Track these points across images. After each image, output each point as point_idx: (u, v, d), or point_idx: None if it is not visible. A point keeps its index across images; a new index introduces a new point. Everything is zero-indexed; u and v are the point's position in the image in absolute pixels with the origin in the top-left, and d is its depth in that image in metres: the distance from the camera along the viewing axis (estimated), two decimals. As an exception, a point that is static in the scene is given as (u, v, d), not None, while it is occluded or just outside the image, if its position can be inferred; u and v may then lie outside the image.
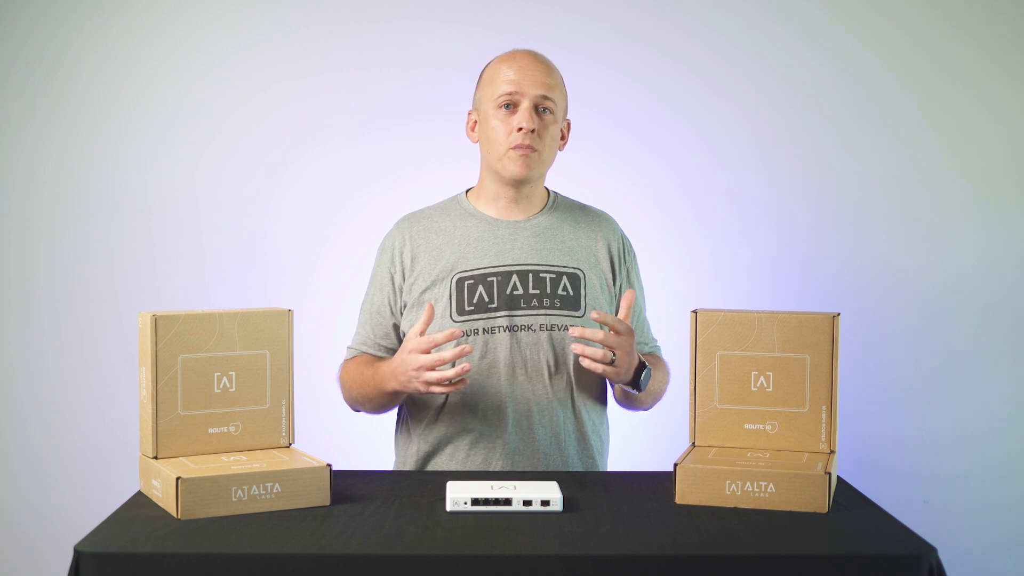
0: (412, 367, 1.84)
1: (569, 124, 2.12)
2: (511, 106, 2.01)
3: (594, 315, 1.82)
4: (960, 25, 2.91)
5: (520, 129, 1.99)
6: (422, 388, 1.84)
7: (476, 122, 2.09)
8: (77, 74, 2.92)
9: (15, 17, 2.90)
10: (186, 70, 2.93)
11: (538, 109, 2.01)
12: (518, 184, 2.05)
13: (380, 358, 2.07)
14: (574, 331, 1.81)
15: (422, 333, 1.84)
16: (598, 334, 1.82)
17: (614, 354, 1.84)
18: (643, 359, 1.97)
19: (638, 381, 1.94)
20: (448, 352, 1.81)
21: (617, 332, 1.84)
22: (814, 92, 2.93)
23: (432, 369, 1.82)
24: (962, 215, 2.93)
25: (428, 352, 1.82)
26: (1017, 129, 2.91)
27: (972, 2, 2.91)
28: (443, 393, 1.86)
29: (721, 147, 2.94)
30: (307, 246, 2.95)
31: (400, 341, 2.09)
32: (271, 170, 2.94)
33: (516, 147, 2.00)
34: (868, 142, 2.93)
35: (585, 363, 1.84)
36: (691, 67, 2.93)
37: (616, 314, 2.09)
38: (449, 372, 1.81)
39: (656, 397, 2.11)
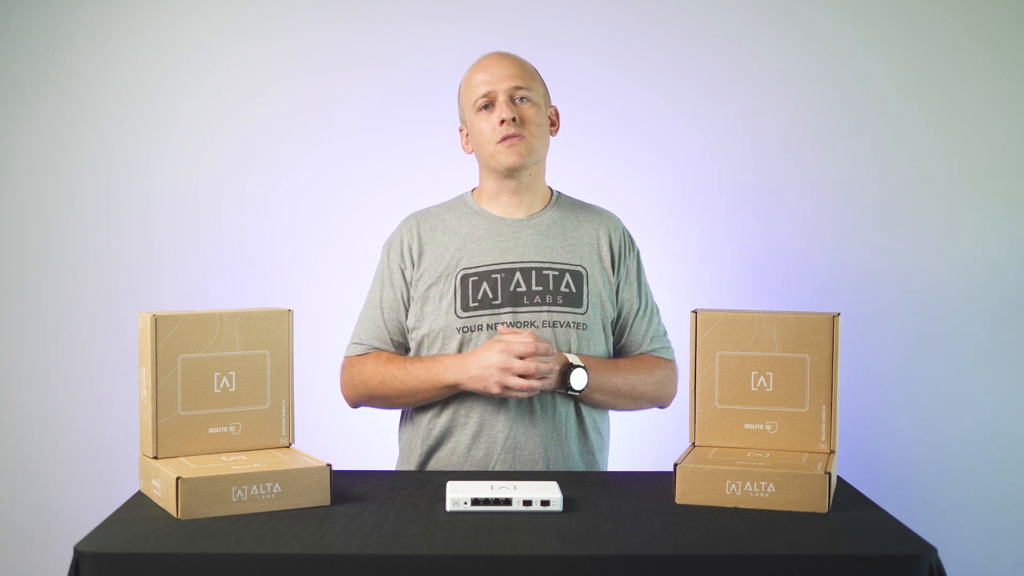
0: (499, 365, 1.90)
1: (557, 111, 2.16)
2: (489, 105, 2.05)
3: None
4: (960, 25, 2.90)
5: (502, 122, 2.02)
6: (495, 390, 1.92)
7: (467, 135, 2.13)
8: (77, 74, 2.92)
9: (15, 17, 2.90)
10: (186, 70, 2.93)
11: (514, 100, 2.05)
12: (515, 174, 2.07)
13: (396, 354, 2.09)
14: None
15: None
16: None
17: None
18: (579, 362, 1.98)
19: (567, 384, 1.98)
20: (546, 365, 1.91)
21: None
22: (814, 91, 2.92)
23: (521, 376, 1.90)
24: (962, 214, 2.93)
25: (522, 358, 1.90)
26: (1017, 129, 2.91)
27: (972, 2, 2.91)
28: (514, 397, 1.95)
29: (721, 146, 2.93)
30: (307, 246, 2.95)
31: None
32: (271, 170, 2.94)
33: (503, 139, 2.03)
34: (868, 142, 2.93)
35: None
36: (690, 66, 2.93)
37: (611, 313, 2.10)
38: (536, 383, 1.91)
39: (637, 398, 2.10)
